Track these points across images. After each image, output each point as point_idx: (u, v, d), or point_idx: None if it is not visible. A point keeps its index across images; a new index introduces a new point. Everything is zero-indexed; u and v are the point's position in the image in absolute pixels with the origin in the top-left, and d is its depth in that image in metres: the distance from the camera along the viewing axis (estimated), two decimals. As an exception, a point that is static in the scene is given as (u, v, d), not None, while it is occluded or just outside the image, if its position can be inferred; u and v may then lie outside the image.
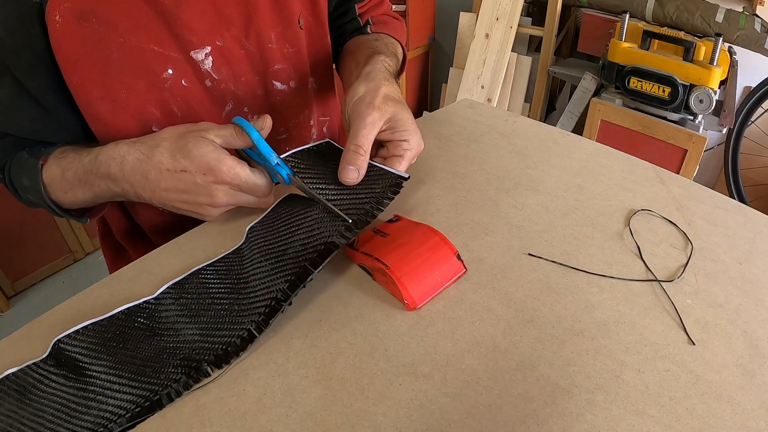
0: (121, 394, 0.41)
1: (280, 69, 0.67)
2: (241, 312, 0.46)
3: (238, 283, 0.49)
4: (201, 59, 0.60)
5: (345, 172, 0.53)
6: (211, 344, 0.44)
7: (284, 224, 0.53)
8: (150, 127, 0.59)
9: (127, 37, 0.54)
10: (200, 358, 0.43)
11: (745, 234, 0.56)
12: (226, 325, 0.46)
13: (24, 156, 0.58)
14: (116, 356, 0.44)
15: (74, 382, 0.42)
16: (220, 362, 0.43)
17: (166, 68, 0.58)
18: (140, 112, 0.58)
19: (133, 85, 0.56)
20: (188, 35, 0.57)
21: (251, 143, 0.53)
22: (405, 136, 0.56)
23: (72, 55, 0.53)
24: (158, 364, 0.43)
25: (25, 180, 0.58)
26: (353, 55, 0.70)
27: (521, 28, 2.05)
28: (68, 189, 0.56)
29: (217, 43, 0.60)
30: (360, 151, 0.53)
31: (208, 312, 0.47)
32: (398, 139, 0.56)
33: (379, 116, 0.54)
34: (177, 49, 0.57)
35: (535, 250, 0.53)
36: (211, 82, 0.61)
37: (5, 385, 0.42)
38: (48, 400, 0.41)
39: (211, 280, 0.50)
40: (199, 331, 0.45)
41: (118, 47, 0.54)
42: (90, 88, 0.55)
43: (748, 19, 1.61)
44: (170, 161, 0.50)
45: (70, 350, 0.44)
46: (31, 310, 1.81)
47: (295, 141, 0.74)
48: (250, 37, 0.62)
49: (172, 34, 0.56)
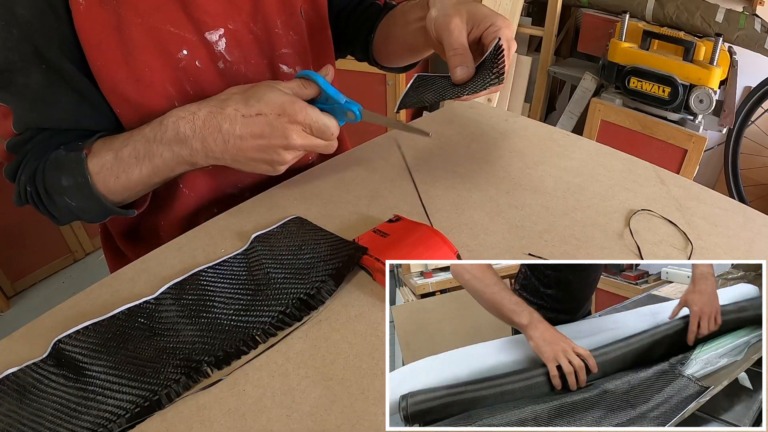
0: (121, 395, 0.41)
1: (286, 53, 0.68)
2: (246, 318, 0.46)
3: (245, 290, 0.49)
4: (215, 40, 0.61)
5: (455, 73, 0.57)
6: (211, 346, 0.44)
7: (296, 243, 0.54)
8: (173, 103, 0.60)
9: (146, 18, 0.56)
10: (200, 359, 0.43)
11: (745, 234, 0.56)
12: (227, 328, 0.46)
13: (61, 154, 0.56)
14: (116, 356, 0.44)
15: (74, 382, 0.42)
16: (220, 364, 0.43)
17: (182, 49, 0.59)
18: (163, 90, 0.59)
19: (153, 64, 0.58)
20: (203, 17, 0.59)
21: (318, 91, 0.57)
22: (488, 22, 0.57)
23: (95, 37, 0.54)
24: (158, 364, 0.43)
25: (64, 180, 0.55)
26: (402, 23, 0.72)
27: (521, 28, 2.04)
28: (121, 171, 0.55)
29: (229, 27, 0.62)
30: (459, 51, 0.57)
31: (208, 314, 0.47)
32: (485, 28, 0.58)
33: (460, 21, 0.57)
34: (192, 31, 0.59)
35: (535, 250, 0.53)
36: (224, 63, 0.63)
37: (5, 385, 0.42)
38: (48, 400, 0.41)
39: (212, 282, 0.50)
40: (199, 332, 0.45)
41: (137, 28, 0.55)
42: (114, 69, 0.56)
43: (748, 19, 1.61)
44: (245, 107, 0.53)
45: (70, 350, 0.44)
46: (31, 310, 1.81)
47: None
48: (257, 21, 0.64)
49: (187, 16, 0.58)
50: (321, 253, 0.52)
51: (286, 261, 0.52)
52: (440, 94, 0.59)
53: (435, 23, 0.59)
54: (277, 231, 0.56)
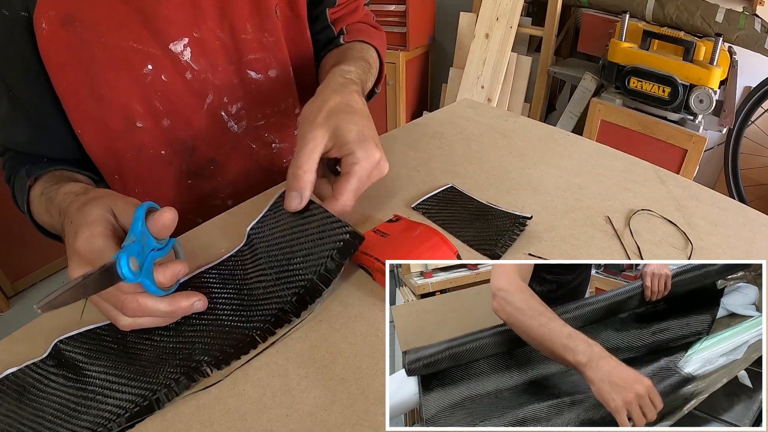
0: (121, 394, 0.41)
1: (254, 59, 0.67)
2: (245, 317, 0.46)
3: (241, 288, 0.49)
4: (180, 51, 0.61)
5: (286, 200, 0.50)
6: (210, 346, 0.44)
7: (287, 230, 0.52)
8: (134, 122, 0.61)
9: (108, 37, 0.56)
10: (200, 359, 0.43)
11: (745, 234, 0.56)
12: (227, 328, 0.46)
13: (22, 173, 0.60)
14: (116, 357, 0.44)
15: (74, 382, 0.42)
16: (219, 364, 0.43)
17: (146, 64, 0.59)
18: (124, 108, 0.60)
19: (116, 83, 0.58)
20: (167, 28, 0.59)
21: None
22: (349, 149, 0.50)
23: (60, 59, 0.55)
24: (158, 364, 0.43)
25: (18, 197, 0.60)
26: (321, 75, 0.68)
27: (521, 28, 2.05)
28: (48, 218, 0.56)
29: (194, 35, 0.61)
30: (298, 172, 0.48)
31: (209, 315, 0.47)
32: (344, 154, 0.51)
33: (321, 134, 0.50)
34: (155, 45, 0.59)
35: (535, 250, 0.53)
36: (191, 73, 0.63)
37: (5, 385, 0.42)
38: (47, 400, 0.41)
39: (214, 284, 0.50)
40: (200, 332, 0.45)
41: (100, 47, 0.56)
42: (77, 89, 0.57)
43: (748, 19, 1.61)
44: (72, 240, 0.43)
45: (70, 351, 0.44)
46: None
47: (274, 128, 0.74)
48: (224, 28, 0.63)
49: (150, 31, 0.58)
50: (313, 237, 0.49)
51: (280, 254, 0.50)
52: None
53: (300, 122, 0.52)
54: (267, 216, 0.54)
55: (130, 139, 0.62)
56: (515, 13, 2.01)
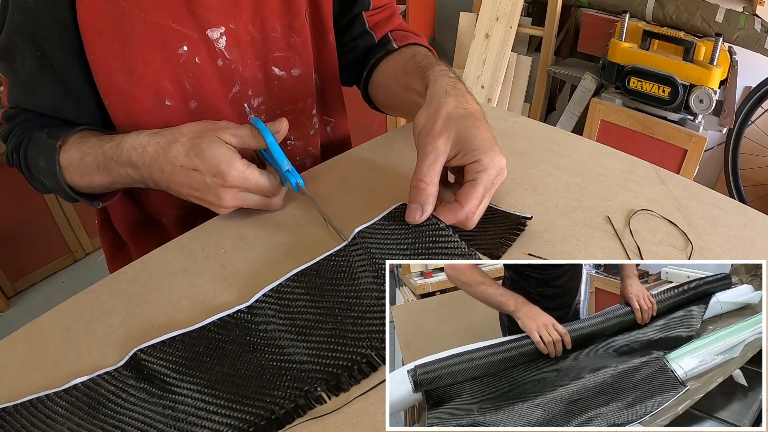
0: (219, 417, 0.37)
1: (280, 56, 0.68)
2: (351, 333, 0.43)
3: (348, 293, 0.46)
4: (216, 38, 0.62)
5: (407, 211, 0.50)
6: (323, 366, 0.40)
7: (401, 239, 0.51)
8: (163, 100, 0.62)
9: (148, 13, 0.57)
10: (312, 382, 0.39)
11: (745, 234, 0.56)
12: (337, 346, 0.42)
13: (42, 137, 0.60)
14: (210, 374, 0.39)
15: (159, 399, 0.38)
16: (334, 389, 0.39)
17: (182, 45, 0.60)
18: (155, 85, 0.60)
19: (150, 59, 0.59)
20: (206, 14, 0.60)
21: (265, 145, 0.54)
22: (475, 157, 0.48)
23: (96, 26, 0.55)
24: (261, 384, 0.39)
25: (41, 161, 0.59)
26: (403, 84, 0.65)
27: (521, 28, 2.05)
28: (85, 173, 0.58)
29: (230, 26, 0.63)
30: (420, 185, 0.48)
31: (316, 330, 0.43)
32: (469, 162, 0.49)
33: (443, 143, 0.49)
34: (194, 28, 0.60)
35: (535, 250, 0.53)
36: (223, 61, 0.64)
37: (73, 396, 0.38)
38: (129, 417, 0.37)
39: (311, 285, 0.47)
40: (308, 350, 0.41)
41: (139, 22, 0.57)
42: (110, 60, 0.57)
43: (748, 19, 1.61)
44: (184, 158, 0.52)
45: (153, 363, 0.40)
46: (31, 310, 1.81)
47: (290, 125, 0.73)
48: (255, 23, 0.65)
49: (191, 13, 0.59)
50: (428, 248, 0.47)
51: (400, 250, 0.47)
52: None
53: (419, 133, 0.51)
54: (380, 224, 0.52)
55: (157, 116, 0.62)
56: (515, 13, 2.01)
